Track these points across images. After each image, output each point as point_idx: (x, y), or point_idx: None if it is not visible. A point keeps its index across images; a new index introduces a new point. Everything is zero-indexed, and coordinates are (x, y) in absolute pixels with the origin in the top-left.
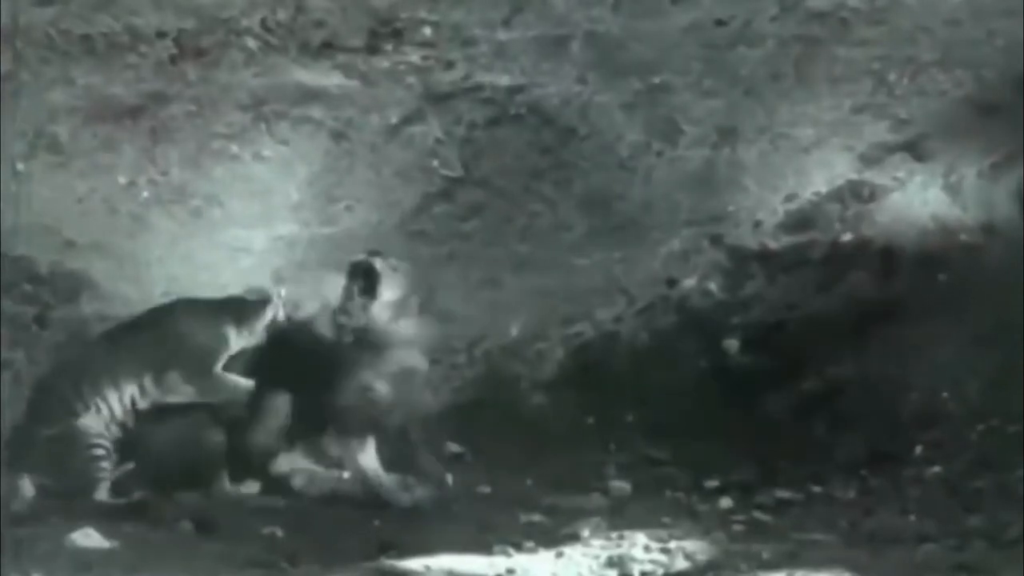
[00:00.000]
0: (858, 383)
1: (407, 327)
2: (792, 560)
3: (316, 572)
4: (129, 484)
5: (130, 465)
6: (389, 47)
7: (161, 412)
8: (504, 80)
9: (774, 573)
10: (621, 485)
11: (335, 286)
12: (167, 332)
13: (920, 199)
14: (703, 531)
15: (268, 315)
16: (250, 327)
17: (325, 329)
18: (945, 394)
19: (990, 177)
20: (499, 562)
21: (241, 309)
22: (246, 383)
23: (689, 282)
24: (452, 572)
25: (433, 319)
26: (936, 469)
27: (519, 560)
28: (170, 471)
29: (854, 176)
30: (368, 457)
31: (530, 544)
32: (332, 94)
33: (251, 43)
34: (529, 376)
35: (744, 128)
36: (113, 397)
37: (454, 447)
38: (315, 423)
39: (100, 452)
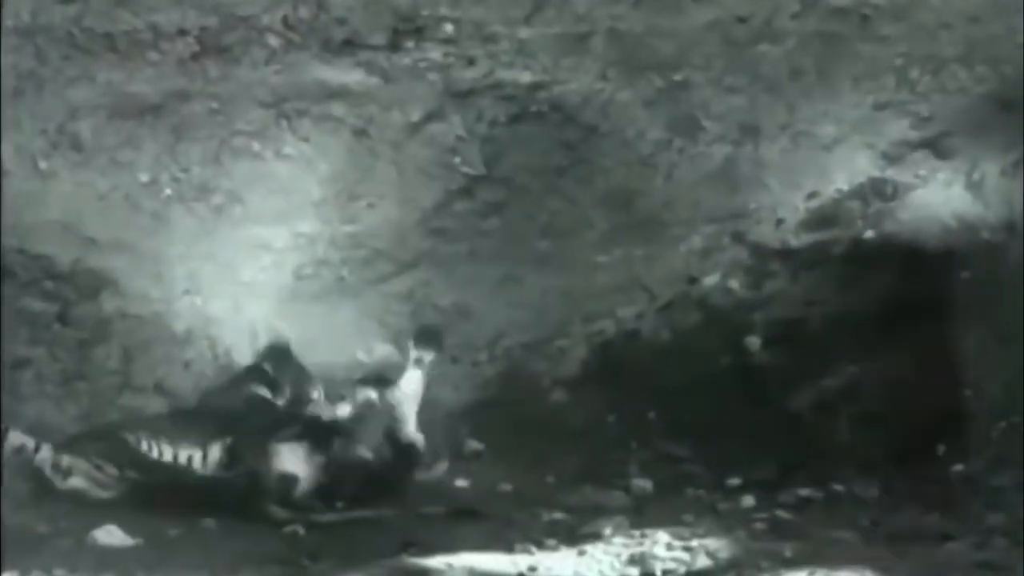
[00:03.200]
0: (880, 381)
1: None
2: (814, 558)
3: (337, 569)
4: None
5: None
6: (411, 44)
7: None
8: (525, 77)
9: (796, 571)
10: (643, 483)
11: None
12: None
13: (942, 197)
14: (725, 529)
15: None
16: None
17: None
18: (967, 392)
19: (1012, 174)
20: (521, 560)
21: None
22: None
23: (711, 279)
24: (473, 570)
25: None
26: (958, 467)
27: (541, 558)
28: None
29: (876, 173)
30: None
31: (552, 542)
32: (354, 91)
33: (273, 40)
34: (550, 374)
35: (766, 125)
36: None
37: (475, 444)
38: None
39: None
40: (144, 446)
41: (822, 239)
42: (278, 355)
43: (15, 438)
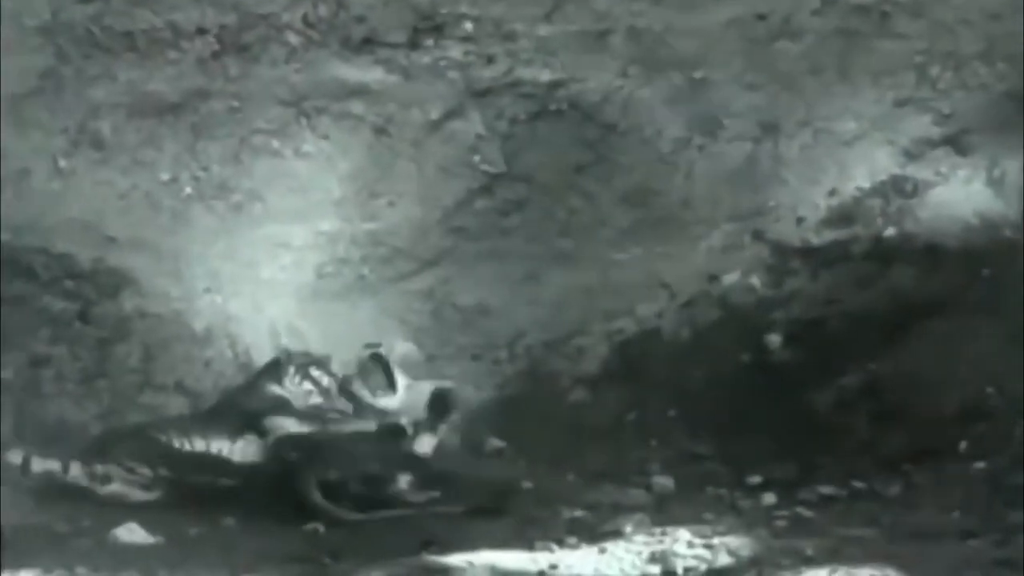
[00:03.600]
0: (901, 378)
1: None
2: (835, 556)
3: (358, 568)
4: None
5: None
6: (430, 42)
7: None
8: (545, 75)
9: (817, 569)
10: (663, 481)
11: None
12: None
13: (963, 194)
14: (746, 527)
15: None
16: None
17: None
18: (988, 389)
19: None
20: (541, 558)
21: None
22: None
23: (731, 277)
24: (494, 568)
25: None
26: (979, 465)
27: (561, 556)
28: None
29: (897, 171)
30: None
31: (573, 540)
32: (373, 89)
33: (292, 38)
34: (570, 372)
35: (785, 122)
36: None
37: (496, 442)
38: None
39: None
40: (174, 443)
41: (842, 237)
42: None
43: (39, 464)
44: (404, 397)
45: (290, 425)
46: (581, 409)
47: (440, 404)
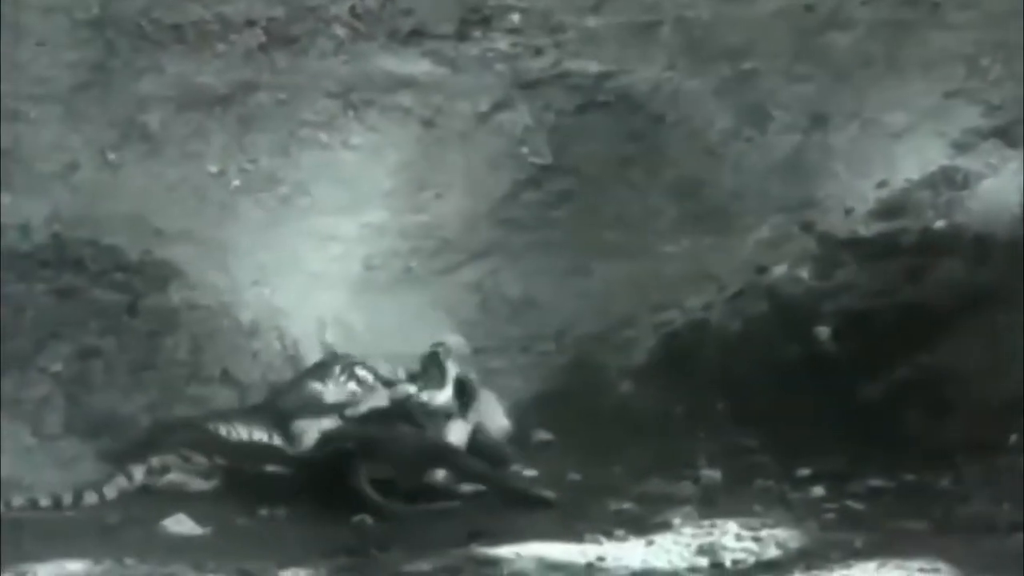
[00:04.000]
0: (950, 371)
1: None
2: (884, 549)
3: (406, 559)
4: None
5: None
6: (478, 34)
7: None
8: (593, 67)
9: (866, 562)
10: (712, 473)
11: None
12: None
13: (1013, 185)
14: (795, 519)
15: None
16: None
17: None
18: None
19: None
20: (589, 550)
21: None
22: None
23: (779, 269)
24: (542, 560)
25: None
26: None
27: (609, 548)
28: None
29: (946, 162)
30: None
31: (620, 532)
32: (421, 81)
33: (340, 31)
34: (618, 364)
35: (834, 114)
36: None
37: (544, 435)
38: None
39: None
40: (228, 433)
41: (892, 228)
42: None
43: (86, 457)
44: (452, 391)
45: (336, 419)
46: (629, 401)
47: (462, 393)
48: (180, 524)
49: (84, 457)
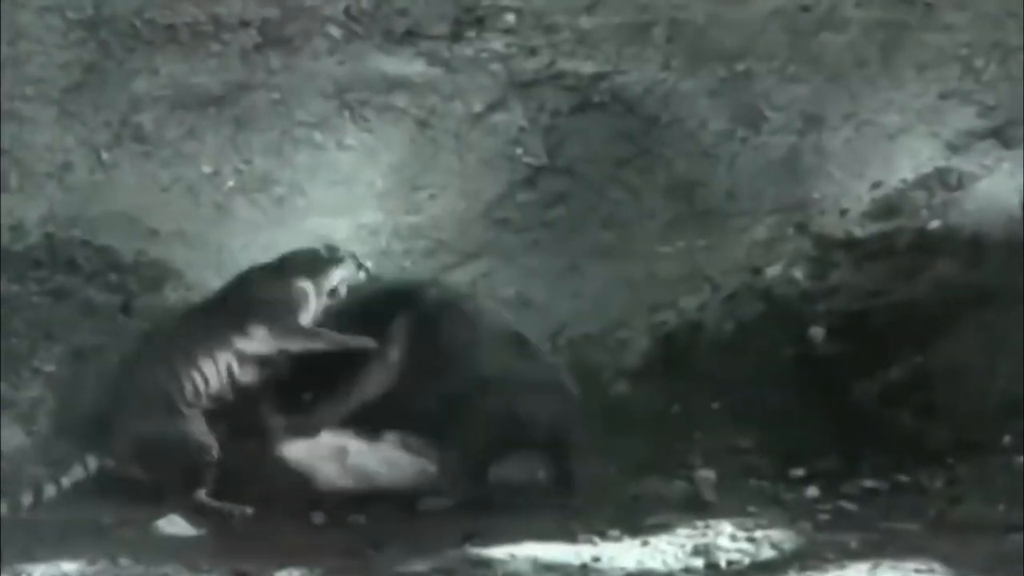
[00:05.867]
0: (945, 372)
1: None
2: (879, 549)
3: (400, 560)
4: None
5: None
6: (472, 34)
7: None
8: (588, 67)
9: (861, 562)
10: (706, 474)
11: None
12: (246, 294)
13: (1009, 186)
14: (789, 520)
15: (341, 272)
16: (325, 281)
17: None
18: None
19: None
20: (584, 551)
21: (312, 264)
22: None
23: (774, 270)
24: (537, 560)
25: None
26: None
27: (604, 548)
28: None
29: (941, 163)
30: None
31: (615, 532)
32: (415, 82)
33: (334, 31)
34: (613, 365)
35: (829, 115)
36: (210, 370)
37: None
38: None
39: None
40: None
41: (886, 229)
42: None
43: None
44: None
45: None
46: (623, 402)
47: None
48: (174, 524)
49: (77, 457)
